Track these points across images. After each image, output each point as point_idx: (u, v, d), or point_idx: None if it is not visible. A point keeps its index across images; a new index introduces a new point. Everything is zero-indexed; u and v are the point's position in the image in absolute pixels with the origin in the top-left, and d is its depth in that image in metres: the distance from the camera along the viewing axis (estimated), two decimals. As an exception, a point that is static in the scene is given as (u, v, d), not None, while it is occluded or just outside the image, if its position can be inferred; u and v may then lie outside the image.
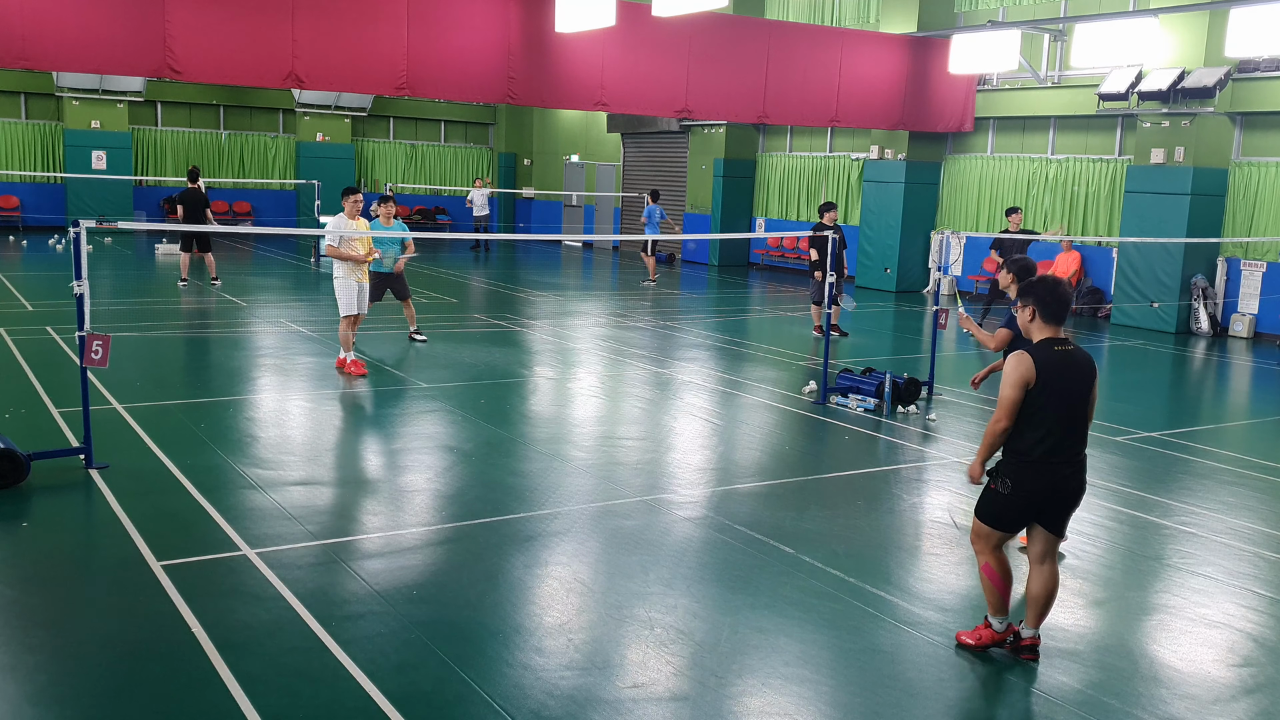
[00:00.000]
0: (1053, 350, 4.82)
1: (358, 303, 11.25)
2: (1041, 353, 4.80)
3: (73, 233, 7.16)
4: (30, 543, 6.36)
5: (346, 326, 11.24)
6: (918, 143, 21.53)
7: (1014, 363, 4.77)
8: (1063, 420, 4.79)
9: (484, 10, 16.11)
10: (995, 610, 5.06)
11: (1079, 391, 4.84)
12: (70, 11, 13.71)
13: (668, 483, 7.90)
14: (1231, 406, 12.67)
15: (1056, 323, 4.90)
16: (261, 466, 7.82)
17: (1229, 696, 4.84)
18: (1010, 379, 4.76)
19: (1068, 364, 4.82)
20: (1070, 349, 4.88)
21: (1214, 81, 16.08)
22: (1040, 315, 4.91)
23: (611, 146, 30.63)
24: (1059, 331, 4.91)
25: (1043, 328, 4.91)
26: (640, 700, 4.58)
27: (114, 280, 18.72)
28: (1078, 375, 4.84)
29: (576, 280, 23.18)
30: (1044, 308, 4.90)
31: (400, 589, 5.71)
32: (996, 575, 5.02)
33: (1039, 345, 4.86)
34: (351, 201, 11.22)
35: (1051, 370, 4.76)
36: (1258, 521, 7.40)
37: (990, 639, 5.08)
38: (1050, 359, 4.79)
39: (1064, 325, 4.94)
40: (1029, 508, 4.93)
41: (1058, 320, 4.90)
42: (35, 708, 4.39)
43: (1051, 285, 4.93)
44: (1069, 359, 4.84)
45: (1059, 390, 4.77)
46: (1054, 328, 4.90)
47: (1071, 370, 4.83)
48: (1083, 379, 4.85)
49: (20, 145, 28.04)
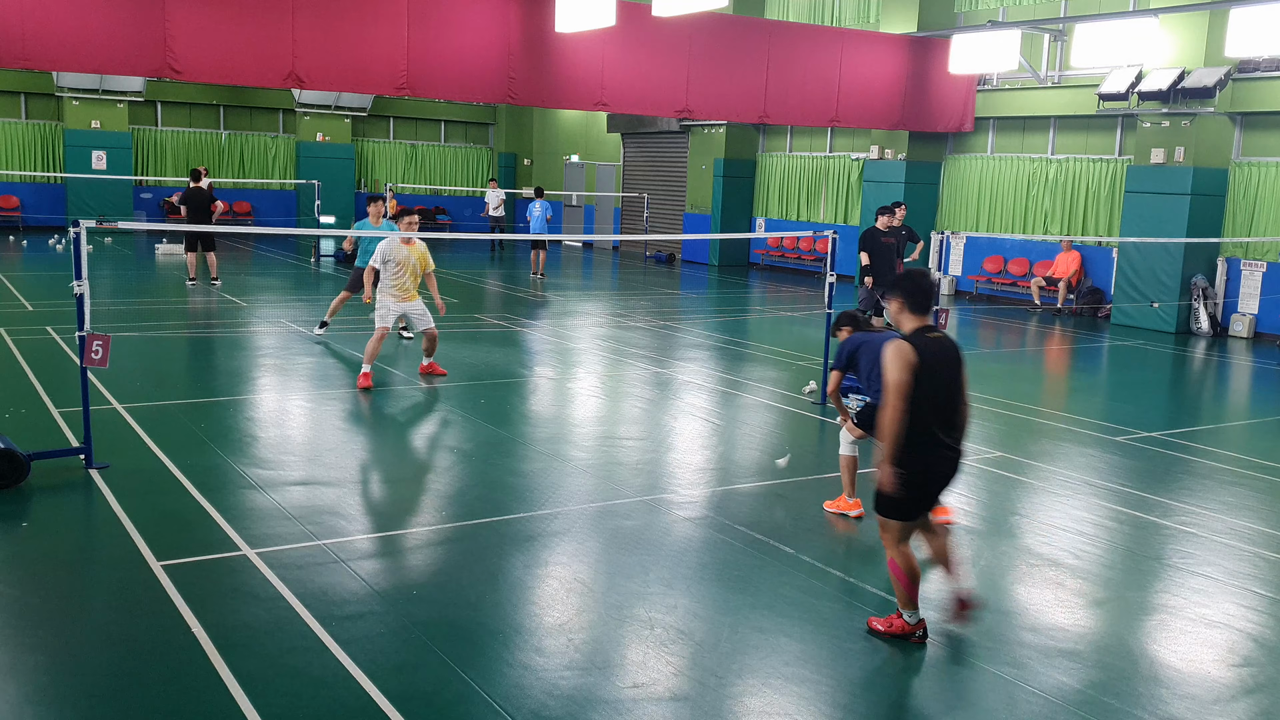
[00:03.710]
0: (926, 338, 5.05)
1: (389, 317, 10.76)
2: (917, 340, 5.03)
3: (73, 233, 7.16)
4: (30, 543, 6.36)
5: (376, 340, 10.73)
6: (918, 143, 21.54)
7: (895, 350, 4.98)
8: (938, 404, 5.03)
9: (484, 10, 16.11)
10: (905, 605, 5.23)
11: (951, 376, 5.10)
12: (70, 11, 13.71)
13: (668, 483, 7.90)
14: (1231, 406, 12.67)
15: (923, 312, 5.14)
16: (261, 466, 7.82)
17: (1229, 696, 4.84)
18: (896, 365, 4.94)
19: (940, 351, 5.07)
20: (940, 336, 5.13)
21: (1214, 81, 16.09)
22: (908, 307, 5.15)
23: (611, 146, 30.64)
24: (926, 320, 5.14)
25: (912, 318, 5.15)
26: (640, 700, 4.58)
27: (114, 280, 18.72)
28: (949, 361, 5.10)
29: (576, 280, 23.18)
30: (910, 299, 5.14)
31: (400, 589, 5.71)
32: (903, 574, 5.18)
33: (913, 334, 5.09)
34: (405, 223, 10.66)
35: (928, 356, 4.99)
36: (1258, 521, 7.40)
37: (901, 629, 5.25)
38: (926, 346, 5.01)
39: (929, 314, 5.18)
40: (924, 492, 5.13)
41: (924, 310, 5.14)
42: (35, 708, 4.39)
43: (916, 278, 5.22)
44: (940, 346, 5.08)
45: (934, 376, 5.01)
46: (922, 317, 5.14)
47: (942, 356, 5.07)
48: (953, 365, 5.11)
49: (20, 145, 28.05)
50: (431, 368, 11.14)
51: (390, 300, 10.71)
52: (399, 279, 10.65)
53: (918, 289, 5.14)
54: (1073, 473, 8.53)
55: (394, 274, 10.63)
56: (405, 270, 10.64)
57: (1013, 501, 7.77)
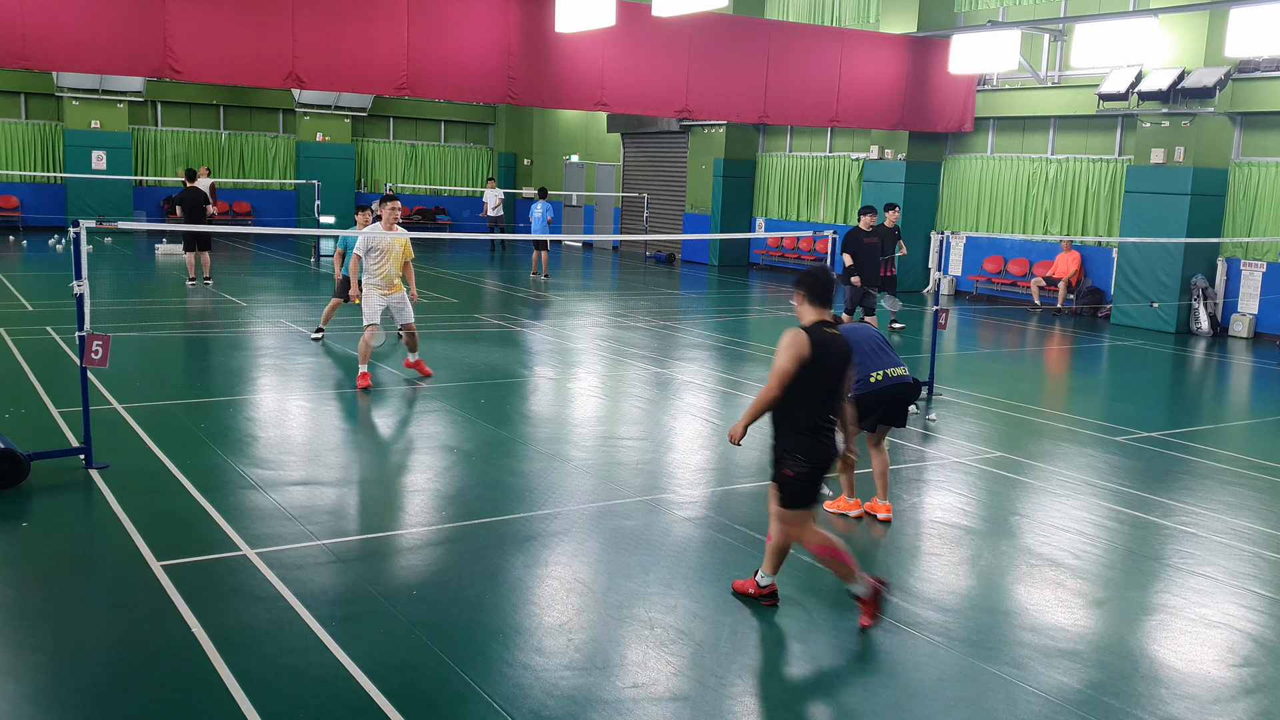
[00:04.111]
0: (823, 331, 5.31)
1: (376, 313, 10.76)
2: (815, 332, 5.27)
3: (73, 233, 7.16)
4: (30, 543, 6.36)
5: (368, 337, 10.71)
6: (918, 143, 21.54)
7: (791, 339, 5.21)
8: (824, 394, 5.32)
9: (484, 10, 16.11)
10: (848, 578, 5.40)
11: (839, 370, 5.37)
12: (70, 11, 13.71)
13: (668, 483, 7.90)
14: (1231, 406, 12.67)
15: (823, 305, 5.39)
16: (261, 466, 7.82)
17: (1229, 696, 4.84)
18: (788, 354, 5.18)
19: (833, 344, 5.33)
20: (836, 333, 5.38)
21: (1214, 81, 16.08)
22: (809, 299, 5.39)
23: (611, 146, 30.64)
24: (825, 314, 5.39)
25: (812, 310, 5.39)
26: (640, 700, 4.58)
27: (114, 280, 18.72)
28: (839, 355, 5.36)
29: (577, 280, 23.17)
30: (811, 292, 5.39)
31: (400, 589, 5.71)
32: (829, 547, 5.42)
33: (812, 326, 5.32)
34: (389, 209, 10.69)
35: (823, 348, 5.24)
36: (1258, 521, 7.40)
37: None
38: (822, 338, 5.27)
39: (829, 308, 5.41)
40: (818, 476, 5.40)
41: (824, 303, 5.39)
42: (35, 708, 4.39)
43: (816, 272, 5.46)
44: (835, 340, 5.34)
45: (826, 367, 5.27)
46: (820, 310, 5.39)
47: (835, 350, 5.33)
48: (843, 359, 5.39)
49: (20, 145, 28.05)
50: (418, 365, 11.07)
51: (375, 295, 10.67)
52: (382, 267, 10.60)
53: (818, 283, 5.39)
54: (1073, 473, 8.53)
55: (377, 262, 10.58)
56: (388, 258, 10.60)
57: (1013, 501, 7.77)
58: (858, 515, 7.11)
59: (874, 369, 6.89)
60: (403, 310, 10.84)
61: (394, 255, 10.65)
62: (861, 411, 6.86)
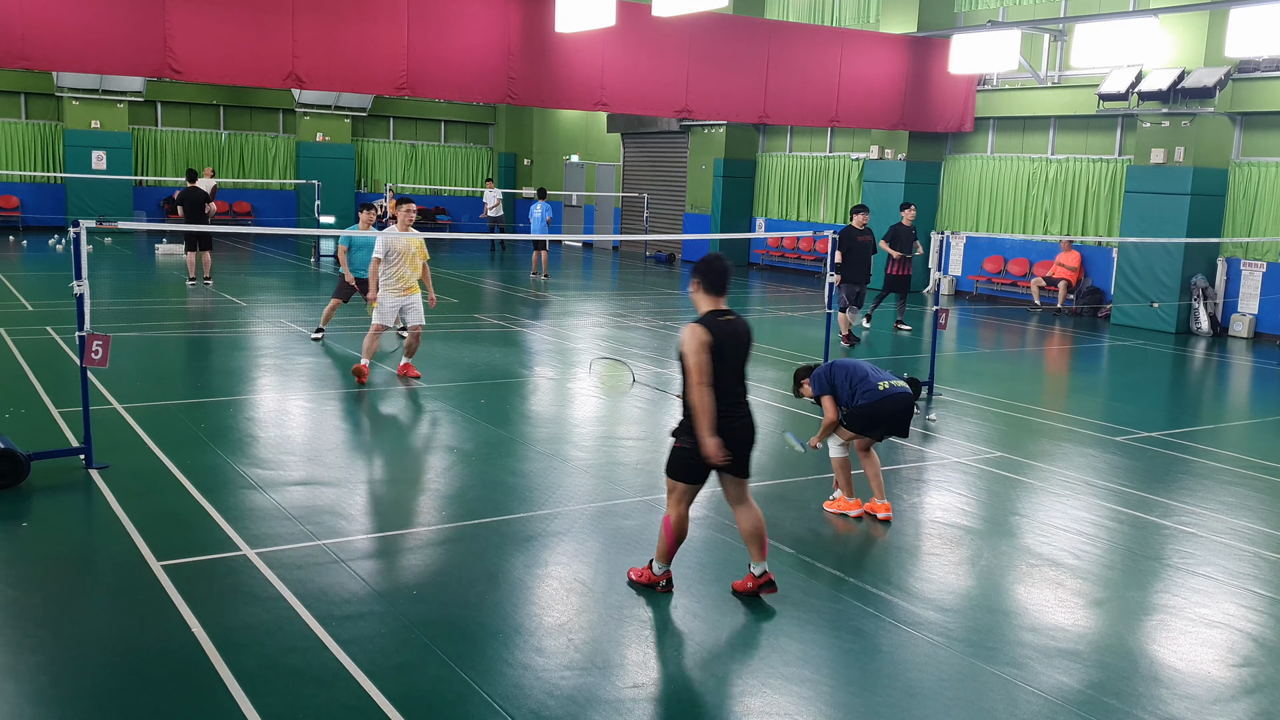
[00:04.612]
0: (718, 320, 5.41)
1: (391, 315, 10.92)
2: (709, 321, 5.39)
3: (73, 233, 7.16)
4: (30, 543, 6.36)
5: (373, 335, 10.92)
6: (918, 143, 21.54)
7: (690, 333, 5.33)
8: (727, 379, 5.40)
9: (484, 10, 16.10)
10: (661, 557, 5.69)
11: (740, 354, 5.48)
12: (70, 11, 13.71)
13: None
14: (1231, 406, 12.67)
15: (717, 294, 5.48)
16: (261, 466, 7.82)
17: (1229, 696, 4.84)
18: (693, 348, 5.30)
19: (731, 331, 5.43)
20: (732, 319, 5.46)
21: (1214, 81, 16.08)
22: (704, 288, 5.49)
23: (611, 146, 30.63)
24: (720, 303, 5.48)
25: (706, 299, 5.49)
26: (640, 700, 4.58)
27: (114, 280, 18.72)
28: (738, 340, 5.47)
29: (577, 280, 23.17)
30: (705, 281, 5.47)
31: (400, 589, 5.71)
32: (671, 532, 5.60)
33: (706, 316, 5.44)
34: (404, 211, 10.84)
35: (719, 336, 5.35)
36: (1258, 521, 7.40)
37: (648, 579, 5.73)
38: (718, 327, 5.37)
39: (724, 296, 5.49)
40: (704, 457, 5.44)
41: (718, 291, 5.48)
42: (35, 708, 4.39)
43: (710, 261, 5.50)
44: (731, 327, 5.44)
45: (726, 354, 5.37)
46: (715, 299, 5.48)
47: (733, 336, 5.44)
48: (741, 343, 5.49)
49: (20, 145, 28.05)
50: (406, 369, 11.08)
51: (390, 296, 10.75)
52: (399, 269, 10.72)
53: (712, 271, 5.46)
54: (1073, 473, 8.53)
55: (394, 264, 10.71)
56: (405, 260, 10.73)
57: (1013, 501, 7.77)
58: (857, 515, 7.12)
59: (879, 379, 6.95)
60: (415, 312, 10.94)
61: (409, 257, 10.75)
62: (872, 421, 6.93)
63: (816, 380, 7.16)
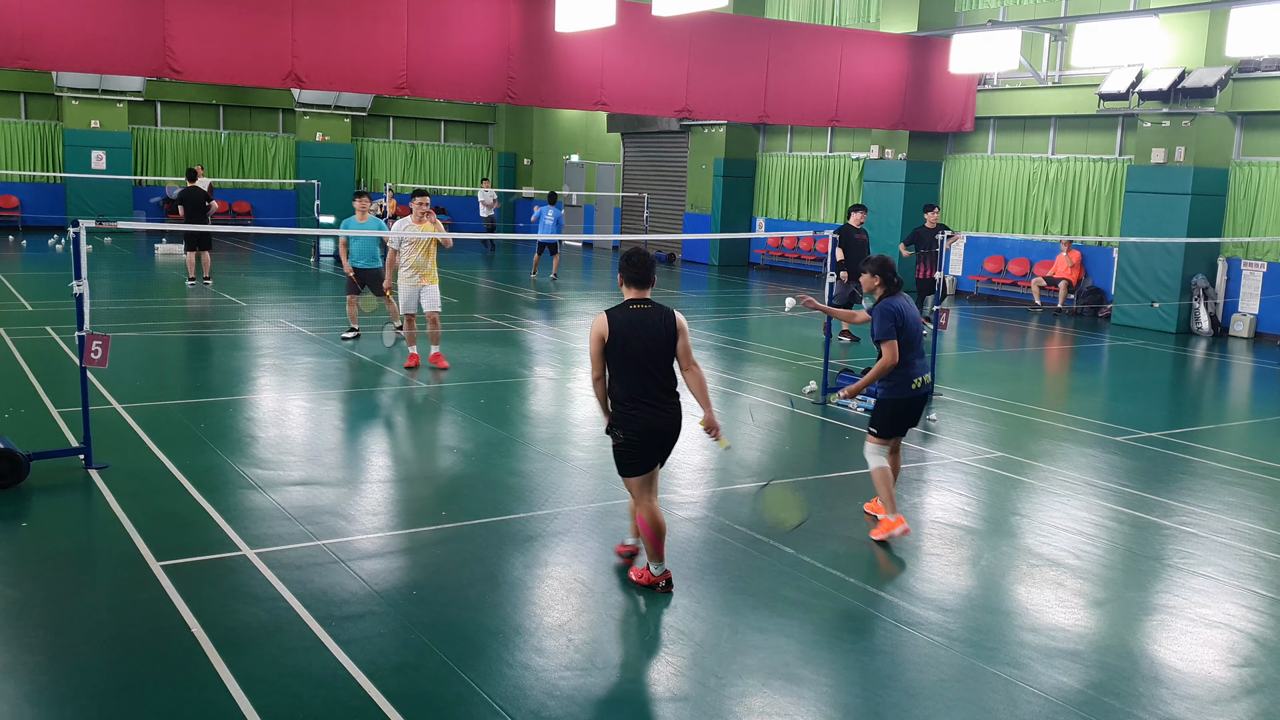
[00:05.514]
0: (628, 310, 5.58)
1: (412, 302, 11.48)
2: (617, 312, 5.57)
3: (72, 233, 7.16)
4: (30, 543, 6.35)
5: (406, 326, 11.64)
6: (918, 143, 21.54)
7: (593, 323, 5.55)
8: (639, 368, 5.53)
9: (484, 10, 16.10)
10: (652, 557, 5.71)
11: (651, 344, 5.55)
12: (70, 11, 13.71)
13: (668, 483, 7.88)
14: (1232, 406, 12.66)
15: (637, 286, 5.63)
16: (261, 466, 7.82)
17: (1229, 697, 4.83)
18: (591, 337, 5.54)
19: (640, 320, 5.56)
20: (646, 309, 5.60)
21: (1214, 81, 16.08)
22: (624, 280, 5.67)
23: (611, 146, 30.63)
24: (642, 293, 5.63)
25: (628, 290, 5.66)
26: (640, 701, 4.57)
27: (114, 280, 18.72)
28: (649, 330, 5.55)
29: (577, 280, 23.17)
30: (624, 273, 5.65)
31: (400, 589, 5.71)
32: (647, 526, 5.66)
33: (617, 306, 5.60)
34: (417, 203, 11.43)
35: (623, 326, 5.51)
36: (1258, 521, 7.39)
37: (648, 580, 5.75)
38: (624, 317, 5.54)
39: (648, 287, 5.64)
40: (642, 447, 5.62)
41: (637, 283, 5.63)
42: (35, 708, 4.39)
43: (630, 254, 5.66)
44: (641, 316, 5.57)
45: (633, 343, 5.50)
46: (637, 290, 5.63)
47: (643, 326, 5.55)
48: (655, 333, 5.56)
49: (20, 145, 28.04)
50: (436, 359, 11.51)
51: (407, 285, 11.33)
52: (411, 256, 11.28)
53: (629, 264, 5.63)
54: (1073, 473, 8.53)
55: (409, 252, 11.28)
56: (417, 247, 11.28)
57: (1013, 501, 7.77)
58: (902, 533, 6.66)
59: (917, 375, 6.68)
60: (432, 300, 11.44)
61: (422, 244, 11.31)
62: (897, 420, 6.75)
63: (886, 317, 6.72)
